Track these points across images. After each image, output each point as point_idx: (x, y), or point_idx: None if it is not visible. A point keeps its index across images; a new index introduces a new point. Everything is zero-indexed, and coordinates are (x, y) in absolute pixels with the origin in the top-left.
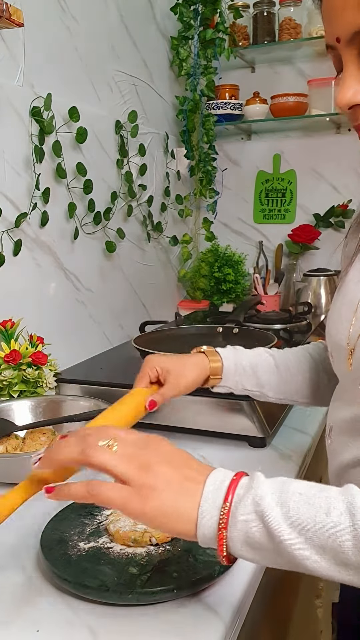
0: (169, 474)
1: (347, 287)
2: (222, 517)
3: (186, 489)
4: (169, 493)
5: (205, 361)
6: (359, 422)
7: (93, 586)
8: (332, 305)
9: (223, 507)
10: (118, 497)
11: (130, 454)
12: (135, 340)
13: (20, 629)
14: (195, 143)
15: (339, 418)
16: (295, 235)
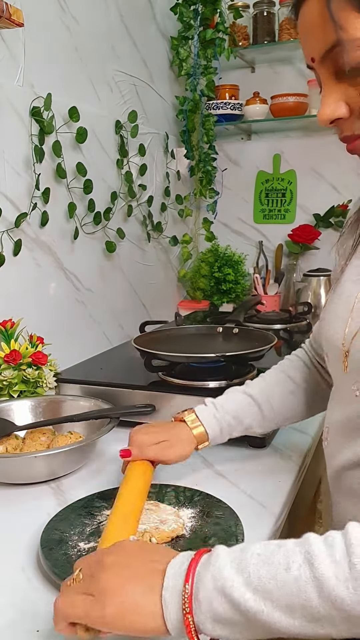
0: (126, 573)
1: (343, 286)
2: (185, 601)
3: (147, 583)
4: (127, 592)
5: (191, 436)
6: (353, 423)
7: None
8: (327, 305)
9: (184, 591)
10: (80, 610)
11: (89, 573)
12: (135, 340)
13: (20, 629)
14: (195, 143)
15: (334, 420)
16: (295, 235)
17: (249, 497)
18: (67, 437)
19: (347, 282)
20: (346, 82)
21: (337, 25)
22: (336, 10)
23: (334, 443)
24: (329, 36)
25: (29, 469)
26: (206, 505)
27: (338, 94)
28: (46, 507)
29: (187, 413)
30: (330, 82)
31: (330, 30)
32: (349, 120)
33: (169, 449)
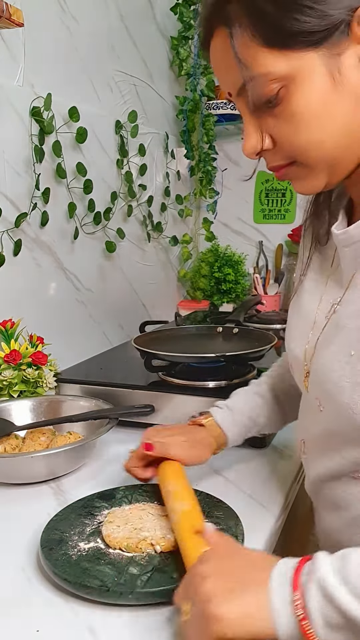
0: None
1: (302, 298)
2: (297, 608)
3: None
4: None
5: (210, 440)
6: (323, 438)
7: (93, 586)
8: (289, 317)
9: (294, 600)
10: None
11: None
12: (135, 340)
13: (20, 629)
14: (195, 143)
15: (310, 433)
16: (295, 235)
17: (249, 497)
18: (66, 437)
19: (305, 294)
20: (265, 113)
21: (243, 65)
22: (240, 48)
23: (310, 457)
24: (239, 76)
25: (29, 468)
26: (206, 505)
27: (258, 126)
28: (46, 507)
29: (204, 417)
30: (249, 115)
31: (237, 69)
32: (274, 150)
33: (192, 449)
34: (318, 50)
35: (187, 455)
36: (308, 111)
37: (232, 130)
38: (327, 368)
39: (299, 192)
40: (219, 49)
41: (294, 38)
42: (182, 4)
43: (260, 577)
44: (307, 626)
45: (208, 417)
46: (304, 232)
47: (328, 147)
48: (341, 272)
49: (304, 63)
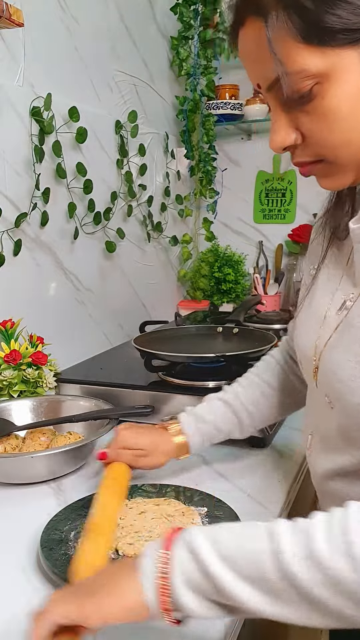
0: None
1: (313, 294)
2: (161, 564)
3: (126, 569)
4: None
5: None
6: (332, 434)
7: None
8: (299, 314)
9: (161, 556)
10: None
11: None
12: (135, 340)
13: (21, 628)
14: (195, 143)
15: (317, 430)
16: (295, 235)
17: (249, 497)
18: (66, 438)
19: (317, 291)
20: (295, 108)
21: (278, 60)
22: (276, 42)
23: (316, 452)
24: (271, 69)
25: (29, 469)
26: (206, 505)
27: (288, 120)
28: (46, 507)
29: (171, 423)
30: (278, 109)
31: (271, 63)
32: (301, 146)
33: (143, 458)
34: (357, 48)
35: (137, 462)
36: (341, 110)
37: (232, 130)
38: (337, 367)
39: (325, 188)
40: (250, 39)
41: (334, 35)
42: (182, 4)
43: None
44: (166, 579)
45: (175, 424)
46: (320, 225)
47: (357, 147)
48: (355, 268)
49: (341, 61)
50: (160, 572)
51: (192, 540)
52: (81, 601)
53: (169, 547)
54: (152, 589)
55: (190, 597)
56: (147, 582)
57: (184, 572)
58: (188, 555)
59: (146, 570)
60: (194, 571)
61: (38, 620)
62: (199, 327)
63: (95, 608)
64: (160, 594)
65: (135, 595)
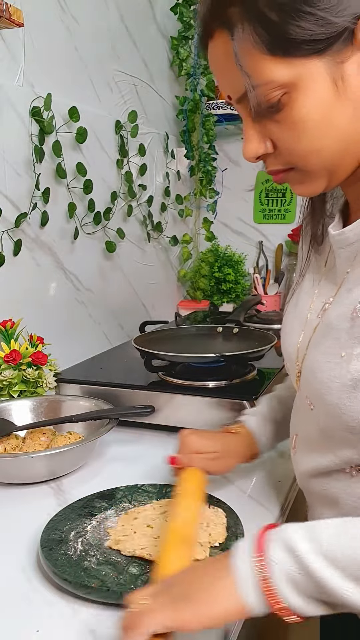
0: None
1: (297, 297)
2: (259, 566)
3: (216, 571)
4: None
5: (242, 449)
6: (313, 435)
7: (93, 586)
8: (285, 315)
9: (257, 558)
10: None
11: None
12: (135, 340)
13: (20, 629)
14: (195, 143)
15: (301, 430)
16: (295, 235)
17: (249, 497)
18: (66, 438)
19: (302, 294)
20: (267, 118)
21: (245, 72)
22: (243, 55)
23: (300, 452)
24: (239, 80)
25: (29, 469)
26: (206, 505)
27: (259, 130)
28: (46, 507)
29: (238, 427)
30: (249, 120)
31: (239, 76)
32: (273, 154)
33: (217, 460)
34: (322, 58)
35: (211, 466)
36: (310, 119)
37: (232, 130)
38: (317, 368)
39: (299, 194)
40: (218, 51)
41: (298, 45)
42: (182, 4)
43: (223, 559)
44: (269, 583)
45: (241, 426)
46: (302, 232)
47: (328, 154)
48: (335, 272)
49: (307, 70)
50: (260, 575)
51: (290, 539)
52: (178, 608)
53: (261, 547)
54: (255, 592)
55: (295, 597)
56: (246, 585)
57: (284, 571)
58: (287, 555)
59: (242, 574)
60: (296, 571)
61: (132, 630)
62: (199, 327)
63: (193, 614)
64: (269, 598)
65: (233, 598)
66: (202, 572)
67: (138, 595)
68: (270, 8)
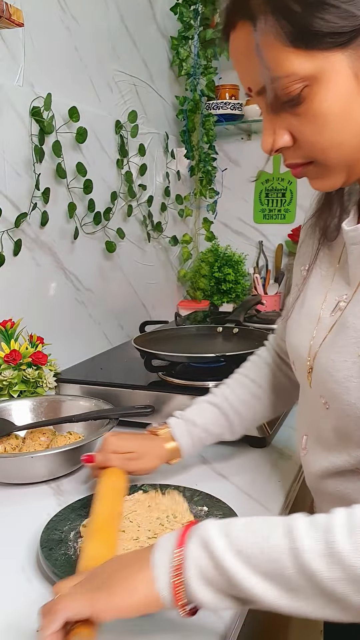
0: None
1: (305, 293)
2: (175, 558)
3: (138, 562)
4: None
5: (162, 451)
6: (328, 435)
7: None
8: (291, 314)
9: (174, 552)
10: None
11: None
12: (135, 340)
13: (20, 629)
14: (195, 143)
15: (312, 430)
16: (295, 235)
17: (249, 497)
18: (66, 437)
19: (309, 292)
20: (286, 111)
21: (266, 64)
22: (264, 47)
23: (312, 452)
24: (260, 73)
25: (29, 468)
26: (206, 505)
27: (279, 123)
28: (46, 507)
29: (161, 428)
30: (269, 112)
31: (260, 68)
32: (292, 148)
33: (134, 461)
34: (344, 51)
35: (127, 465)
36: (331, 112)
37: (232, 130)
38: (333, 367)
39: (316, 189)
40: (240, 43)
41: (321, 38)
42: (182, 4)
43: (146, 551)
44: (179, 577)
45: (165, 429)
46: (309, 226)
47: (348, 149)
48: (348, 269)
49: (329, 64)
50: (175, 567)
51: (206, 535)
52: (92, 596)
53: (182, 542)
54: (167, 584)
55: (204, 591)
56: (160, 577)
57: (198, 567)
58: (202, 550)
59: (159, 565)
60: (209, 566)
61: (48, 615)
62: (199, 327)
63: (107, 603)
64: (175, 590)
65: (149, 590)
66: (124, 563)
67: (63, 584)
68: (294, 0)
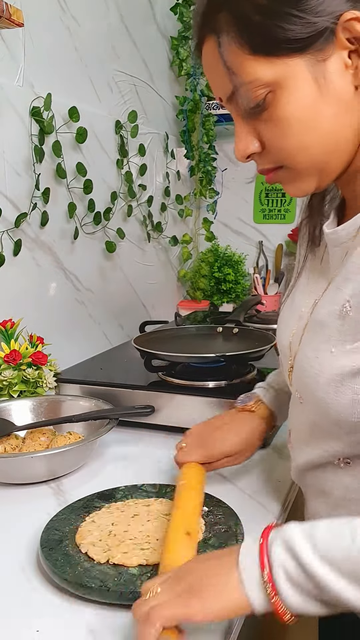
0: (201, 571)
1: (294, 295)
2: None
3: (224, 567)
4: (209, 582)
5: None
6: (309, 430)
7: (93, 586)
8: (280, 312)
9: (260, 556)
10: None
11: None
12: (135, 340)
13: (20, 629)
14: (195, 143)
15: (295, 424)
16: (295, 235)
17: (249, 497)
18: (66, 437)
19: (297, 292)
20: (254, 118)
21: (231, 72)
22: (228, 56)
23: (295, 447)
24: (227, 82)
25: (29, 468)
26: (206, 505)
27: (248, 130)
28: (46, 507)
29: (255, 403)
30: (239, 119)
31: (226, 76)
32: (262, 153)
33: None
34: (303, 57)
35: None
36: (294, 116)
37: (232, 130)
38: (307, 363)
39: (291, 194)
40: (209, 56)
41: (279, 45)
42: (182, 4)
43: (229, 556)
44: (270, 579)
45: (257, 402)
46: (300, 233)
47: (314, 152)
48: (327, 269)
49: (289, 69)
50: (261, 568)
51: (289, 539)
52: (186, 601)
53: (264, 546)
54: (256, 586)
55: (293, 594)
56: (249, 582)
57: (285, 570)
58: (287, 554)
59: (247, 568)
60: (295, 570)
61: (147, 624)
62: (199, 327)
63: (200, 607)
64: (266, 591)
65: (238, 595)
66: (208, 566)
67: (150, 584)
68: (253, 11)
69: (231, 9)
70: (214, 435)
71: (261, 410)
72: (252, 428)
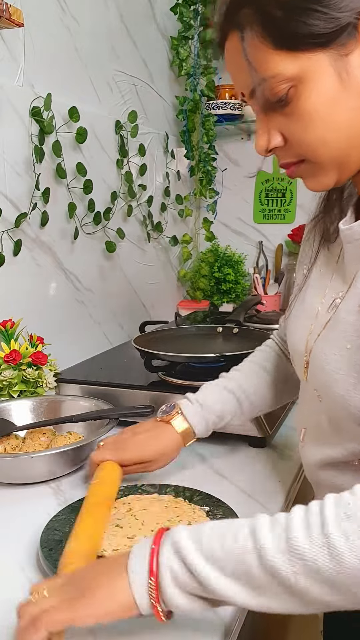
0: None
1: (305, 293)
2: (149, 564)
3: (115, 567)
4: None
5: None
6: (328, 428)
7: None
8: (292, 311)
9: (150, 557)
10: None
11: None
12: (135, 340)
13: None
14: (195, 143)
15: (309, 423)
16: (295, 235)
17: (249, 497)
18: (66, 437)
19: (309, 289)
20: (277, 112)
21: (253, 67)
22: (251, 51)
23: (309, 445)
24: (250, 77)
25: (29, 468)
26: (206, 505)
27: (271, 124)
28: (46, 507)
29: (174, 415)
30: (261, 114)
31: (249, 71)
32: (284, 147)
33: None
34: (326, 51)
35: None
36: (316, 110)
37: (232, 130)
38: (325, 361)
39: (310, 189)
40: (232, 51)
41: (302, 40)
42: (182, 4)
43: (122, 556)
44: (155, 581)
45: (177, 416)
46: (311, 228)
47: (336, 145)
48: (345, 267)
49: (312, 64)
50: (150, 572)
51: (177, 541)
52: (72, 605)
53: (155, 548)
54: (143, 589)
55: (178, 595)
56: (137, 582)
57: (171, 572)
58: (174, 556)
59: (135, 570)
60: (181, 571)
61: (32, 629)
62: (199, 327)
63: (86, 609)
64: (150, 595)
65: (126, 595)
66: (104, 569)
67: (39, 586)
68: (276, 6)
69: (254, 5)
70: (133, 440)
71: (177, 422)
72: (170, 439)
